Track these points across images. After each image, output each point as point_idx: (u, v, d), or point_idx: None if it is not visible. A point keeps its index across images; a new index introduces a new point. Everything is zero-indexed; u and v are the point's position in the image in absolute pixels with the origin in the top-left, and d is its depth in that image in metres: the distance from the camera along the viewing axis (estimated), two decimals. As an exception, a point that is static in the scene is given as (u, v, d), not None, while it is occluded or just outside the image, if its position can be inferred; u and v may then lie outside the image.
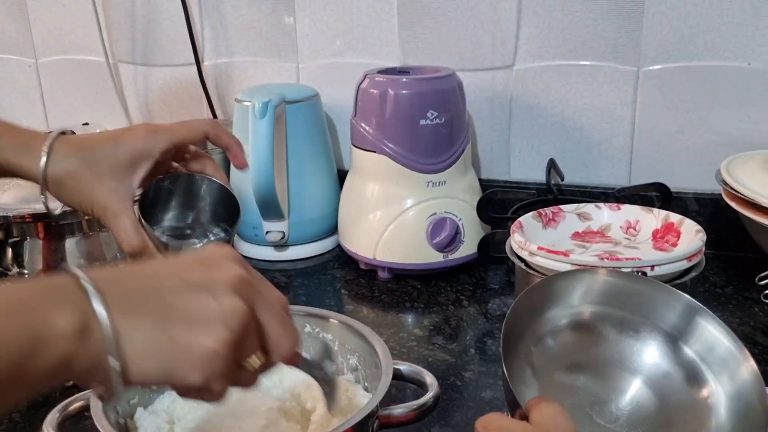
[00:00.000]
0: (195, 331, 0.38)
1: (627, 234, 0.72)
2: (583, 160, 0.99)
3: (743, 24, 0.88)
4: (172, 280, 0.39)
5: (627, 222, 0.73)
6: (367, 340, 0.56)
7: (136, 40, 1.18)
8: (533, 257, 0.67)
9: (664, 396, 0.49)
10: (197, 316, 0.38)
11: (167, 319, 0.37)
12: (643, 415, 0.49)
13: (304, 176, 0.97)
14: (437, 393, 0.52)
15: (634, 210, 0.74)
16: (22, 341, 0.33)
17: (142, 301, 0.37)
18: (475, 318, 0.81)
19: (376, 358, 0.53)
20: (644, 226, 0.72)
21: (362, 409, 0.47)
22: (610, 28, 0.93)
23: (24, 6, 1.24)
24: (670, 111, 0.94)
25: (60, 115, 1.29)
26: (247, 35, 1.11)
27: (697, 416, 0.48)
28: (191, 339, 0.37)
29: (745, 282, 0.82)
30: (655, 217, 0.73)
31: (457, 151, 0.89)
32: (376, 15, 1.03)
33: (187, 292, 0.38)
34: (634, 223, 0.73)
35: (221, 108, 1.17)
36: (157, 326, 0.37)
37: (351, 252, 0.93)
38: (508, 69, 0.99)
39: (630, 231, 0.72)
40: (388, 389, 0.49)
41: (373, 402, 0.48)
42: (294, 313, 0.61)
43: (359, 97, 0.90)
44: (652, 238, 0.72)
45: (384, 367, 0.51)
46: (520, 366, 0.47)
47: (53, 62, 1.26)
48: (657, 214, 0.74)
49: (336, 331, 0.59)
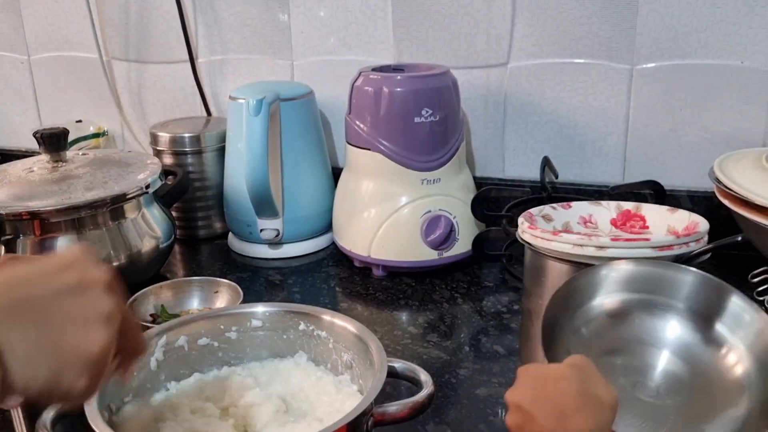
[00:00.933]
0: (78, 335, 0.37)
1: (587, 228, 0.72)
2: (577, 158, 0.99)
3: (736, 22, 0.88)
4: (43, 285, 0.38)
5: (581, 217, 0.73)
6: (360, 338, 0.56)
7: (130, 37, 1.18)
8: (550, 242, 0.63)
9: (694, 361, 0.55)
10: (79, 319, 0.38)
11: (48, 324, 0.37)
12: (678, 383, 0.54)
13: (298, 174, 0.97)
14: (432, 390, 0.52)
15: (583, 205, 0.74)
16: None
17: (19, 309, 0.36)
18: (470, 315, 0.81)
19: (370, 355, 0.53)
20: (599, 219, 0.73)
21: (356, 408, 0.47)
22: (604, 26, 0.93)
23: (17, 2, 1.23)
24: (664, 109, 0.94)
25: (53, 112, 1.28)
26: (242, 32, 1.11)
27: (725, 373, 0.53)
28: (78, 343, 0.37)
29: (738, 279, 0.82)
30: (606, 208, 0.73)
31: (452, 149, 0.89)
32: (370, 12, 1.03)
33: (63, 295, 0.38)
34: (588, 218, 0.74)
35: (215, 105, 1.16)
36: (39, 333, 0.36)
37: (345, 250, 0.93)
38: (502, 67, 0.99)
39: (589, 225, 0.73)
40: (382, 387, 0.49)
41: (366, 400, 0.48)
42: (289, 310, 0.61)
43: (354, 95, 0.90)
44: (617, 227, 0.71)
45: (378, 364, 0.52)
46: (559, 357, 0.50)
47: (46, 59, 1.25)
48: (607, 205, 0.73)
49: (330, 329, 0.59)
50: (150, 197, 0.88)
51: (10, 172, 0.86)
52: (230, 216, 1.01)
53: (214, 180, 1.04)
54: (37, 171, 0.85)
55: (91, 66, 1.20)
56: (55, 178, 0.83)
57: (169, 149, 1.02)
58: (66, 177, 0.84)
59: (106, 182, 0.83)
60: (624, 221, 0.70)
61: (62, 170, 0.85)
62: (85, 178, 0.84)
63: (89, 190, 0.81)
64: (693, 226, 0.68)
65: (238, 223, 0.99)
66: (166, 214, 0.91)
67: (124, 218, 0.84)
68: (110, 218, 0.82)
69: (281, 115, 0.94)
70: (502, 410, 0.63)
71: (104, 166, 0.88)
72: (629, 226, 0.70)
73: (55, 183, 0.82)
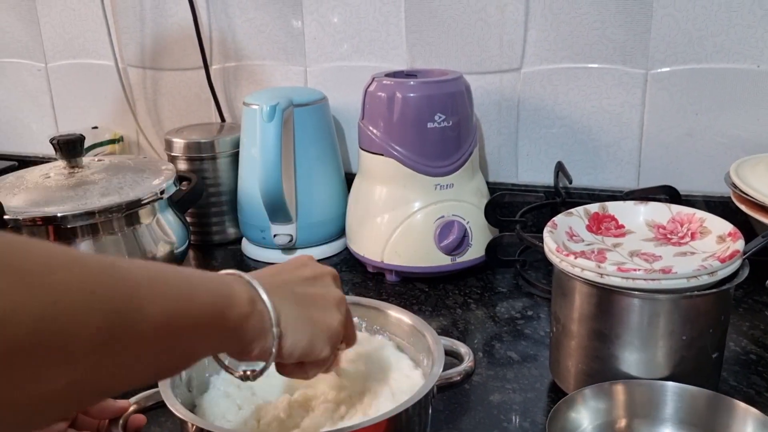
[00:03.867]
0: (324, 312, 0.48)
1: (574, 241, 0.68)
2: (591, 163, 0.99)
3: (752, 26, 0.87)
4: (292, 276, 0.48)
5: (566, 233, 0.69)
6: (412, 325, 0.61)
7: (145, 44, 1.19)
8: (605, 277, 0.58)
9: None
10: (322, 302, 0.48)
11: (304, 304, 0.47)
12: None
13: (311, 179, 0.97)
14: (473, 359, 0.58)
15: (562, 220, 0.67)
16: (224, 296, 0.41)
17: (281, 291, 0.46)
18: (483, 321, 0.81)
19: (425, 338, 0.59)
20: (579, 231, 0.69)
21: (431, 377, 0.52)
22: (618, 30, 0.93)
23: (34, 10, 1.25)
24: (679, 113, 0.93)
25: (69, 119, 1.30)
26: (256, 39, 1.11)
27: None
28: (324, 318, 0.48)
29: (754, 285, 0.82)
30: (578, 216, 0.68)
31: (465, 154, 0.89)
32: (383, 18, 1.03)
33: (306, 284, 0.48)
34: (570, 231, 0.69)
35: (229, 111, 1.17)
36: (298, 310, 0.46)
37: (359, 255, 0.93)
38: (515, 72, 0.99)
39: (575, 238, 0.69)
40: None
41: (436, 371, 0.53)
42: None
43: (367, 100, 0.90)
44: (596, 233, 0.68)
45: (433, 342, 0.57)
46: None
47: (63, 66, 1.27)
48: (578, 213, 0.69)
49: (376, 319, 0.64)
50: (165, 203, 0.88)
51: (27, 179, 0.87)
52: (244, 221, 1.01)
53: (228, 185, 1.04)
54: (54, 177, 0.86)
55: (107, 73, 1.21)
56: (71, 184, 0.84)
57: (184, 155, 1.03)
58: (82, 183, 0.84)
59: (121, 188, 0.84)
60: (598, 225, 0.69)
61: (78, 176, 0.86)
62: (101, 184, 0.84)
63: (105, 195, 0.82)
64: (693, 220, 0.66)
65: (251, 228, 1.00)
66: (180, 220, 0.91)
67: (139, 224, 0.84)
68: (125, 224, 0.83)
69: (295, 120, 0.94)
70: (516, 417, 0.63)
71: (119, 172, 0.88)
72: (605, 229, 0.69)
73: (71, 189, 0.83)
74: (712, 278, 0.57)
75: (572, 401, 0.57)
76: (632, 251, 0.63)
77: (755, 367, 0.69)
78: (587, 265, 0.58)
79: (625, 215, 0.69)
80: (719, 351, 0.61)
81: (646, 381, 0.58)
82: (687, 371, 0.59)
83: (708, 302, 0.58)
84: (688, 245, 0.64)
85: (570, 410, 0.57)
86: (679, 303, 0.57)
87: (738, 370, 0.68)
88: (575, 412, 0.57)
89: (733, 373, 0.68)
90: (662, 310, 0.57)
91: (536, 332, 0.77)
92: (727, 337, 0.63)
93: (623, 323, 0.58)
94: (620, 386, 0.58)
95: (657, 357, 0.59)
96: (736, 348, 0.72)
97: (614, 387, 0.58)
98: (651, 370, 0.59)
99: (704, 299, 0.58)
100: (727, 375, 0.67)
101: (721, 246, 0.62)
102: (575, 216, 0.69)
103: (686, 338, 0.58)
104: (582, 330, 0.61)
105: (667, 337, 0.58)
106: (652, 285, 0.56)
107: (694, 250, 0.63)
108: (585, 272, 0.59)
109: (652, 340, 0.58)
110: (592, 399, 0.58)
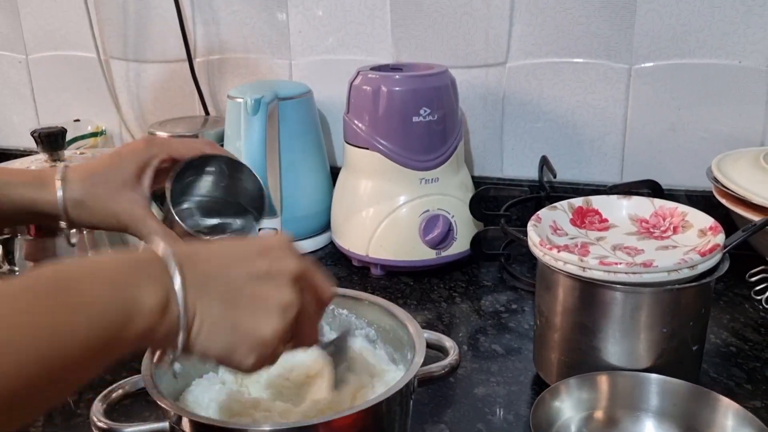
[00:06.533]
0: (256, 318, 0.41)
1: (558, 235, 0.69)
2: (575, 158, 0.99)
3: (734, 22, 0.88)
4: (239, 266, 0.42)
5: (551, 227, 0.69)
6: (391, 312, 0.61)
7: (128, 36, 1.18)
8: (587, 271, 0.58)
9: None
10: (260, 305, 0.42)
11: (234, 304, 0.41)
12: None
13: (296, 173, 0.97)
14: (458, 353, 0.57)
15: (546, 214, 0.68)
16: (119, 315, 0.37)
17: (214, 283, 0.41)
18: (468, 315, 0.81)
19: (405, 328, 0.58)
20: (564, 225, 0.69)
21: (410, 370, 0.51)
22: (602, 25, 0.93)
23: (14, 2, 1.23)
24: (662, 108, 0.94)
25: (51, 111, 1.28)
26: (240, 31, 1.10)
27: None
28: (253, 326, 0.41)
29: (735, 279, 0.83)
30: (561, 210, 0.69)
31: (450, 149, 0.89)
32: (369, 12, 1.03)
33: (252, 280, 0.42)
34: (555, 225, 0.70)
35: (213, 104, 1.16)
36: (224, 310, 0.41)
37: (344, 249, 0.93)
38: (500, 66, 0.99)
39: (559, 232, 0.69)
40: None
41: (416, 364, 0.52)
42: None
43: (352, 94, 0.90)
44: (580, 227, 0.68)
45: (415, 334, 0.56)
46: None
47: (44, 58, 1.25)
48: (561, 207, 0.69)
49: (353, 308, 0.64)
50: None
51: (7, 172, 0.86)
52: (228, 215, 1.01)
53: (213, 179, 1.04)
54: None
55: (89, 65, 1.20)
56: (53, 178, 0.83)
57: (168, 148, 1.02)
58: (64, 176, 0.83)
59: (104, 181, 0.83)
60: (582, 219, 0.69)
61: (60, 169, 0.85)
62: (83, 178, 0.83)
63: (87, 189, 0.81)
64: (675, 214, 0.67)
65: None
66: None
67: (122, 217, 0.83)
68: (108, 217, 0.82)
69: (279, 114, 0.94)
70: (500, 409, 0.64)
71: (102, 166, 0.87)
72: (589, 223, 0.69)
73: (53, 182, 0.82)
74: (693, 272, 0.57)
75: (556, 391, 0.58)
76: (615, 245, 0.64)
77: (735, 359, 0.70)
78: (570, 259, 0.59)
79: (608, 209, 0.69)
80: (700, 343, 0.62)
81: (630, 372, 0.59)
82: (668, 363, 0.59)
83: (689, 295, 0.59)
84: (670, 239, 0.65)
85: (554, 400, 0.57)
86: (661, 296, 0.58)
87: (718, 361, 0.69)
88: (559, 402, 0.58)
89: (714, 365, 0.69)
90: (644, 303, 0.58)
91: (520, 325, 0.78)
92: (708, 329, 0.64)
93: (605, 316, 0.59)
94: (604, 377, 0.59)
95: (638, 349, 0.59)
96: (716, 340, 0.73)
97: (598, 378, 0.59)
98: (632, 362, 0.59)
99: (685, 292, 0.58)
100: (708, 366, 0.68)
101: (702, 240, 0.63)
102: (559, 210, 0.69)
103: (667, 331, 0.59)
104: (565, 323, 0.62)
105: (649, 329, 0.59)
106: (633, 278, 0.57)
107: (676, 243, 0.64)
108: (568, 266, 0.59)
109: (634, 333, 0.59)
110: (576, 389, 0.58)
